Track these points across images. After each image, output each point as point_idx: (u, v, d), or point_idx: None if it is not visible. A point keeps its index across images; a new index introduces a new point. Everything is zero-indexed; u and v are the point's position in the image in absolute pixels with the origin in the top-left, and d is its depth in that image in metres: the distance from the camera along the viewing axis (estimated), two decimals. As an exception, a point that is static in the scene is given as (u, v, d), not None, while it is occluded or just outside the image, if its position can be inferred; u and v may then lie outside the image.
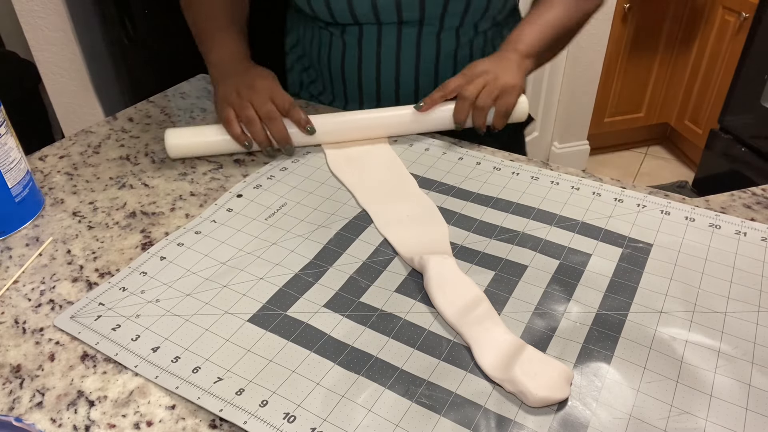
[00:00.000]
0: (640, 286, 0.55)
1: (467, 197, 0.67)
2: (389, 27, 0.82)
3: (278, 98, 0.74)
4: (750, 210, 0.65)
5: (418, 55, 0.84)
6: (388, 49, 0.84)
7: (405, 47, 0.83)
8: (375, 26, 0.82)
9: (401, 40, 0.83)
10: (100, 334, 0.52)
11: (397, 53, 0.84)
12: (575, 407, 0.45)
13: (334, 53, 0.87)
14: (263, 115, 0.72)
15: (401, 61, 0.84)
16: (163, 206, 0.68)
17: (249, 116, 0.72)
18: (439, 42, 0.84)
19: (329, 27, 0.85)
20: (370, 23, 0.82)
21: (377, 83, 0.87)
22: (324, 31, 0.86)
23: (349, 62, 0.86)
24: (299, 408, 0.45)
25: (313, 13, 0.83)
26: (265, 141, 0.73)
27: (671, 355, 0.48)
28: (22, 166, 0.65)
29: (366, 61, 0.85)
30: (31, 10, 1.66)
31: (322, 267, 0.58)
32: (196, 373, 0.48)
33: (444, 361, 0.48)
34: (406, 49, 0.83)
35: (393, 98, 0.87)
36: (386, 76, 0.86)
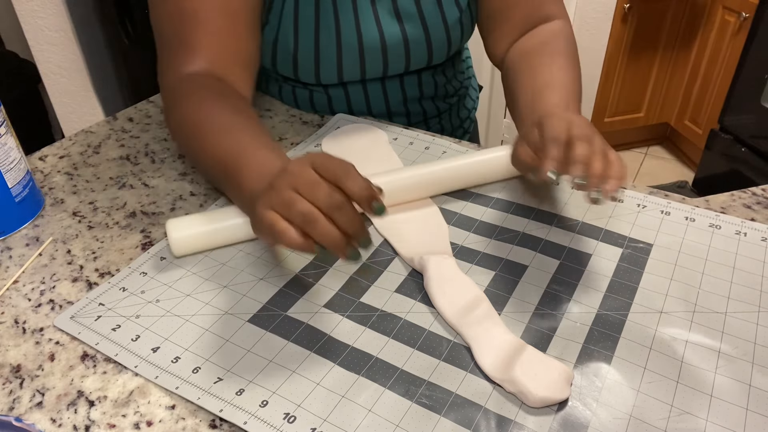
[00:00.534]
0: (641, 287, 0.55)
1: (467, 197, 0.67)
2: (373, 83, 0.84)
3: (331, 171, 0.47)
4: (750, 210, 0.65)
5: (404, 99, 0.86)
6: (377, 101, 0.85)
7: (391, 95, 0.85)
8: (360, 84, 0.83)
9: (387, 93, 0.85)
10: (100, 334, 0.52)
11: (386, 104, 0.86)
12: (575, 407, 0.45)
13: (317, 102, 0.86)
14: (323, 205, 0.46)
15: (391, 109, 0.86)
16: (163, 206, 0.68)
17: (302, 211, 0.46)
18: (421, 87, 0.86)
19: (306, 87, 0.85)
20: (336, 84, 0.83)
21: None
22: (302, 89, 0.85)
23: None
24: (299, 408, 0.45)
25: (276, 74, 0.83)
26: (340, 239, 0.46)
27: (671, 356, 0.48)
28: (22, 166, 0.65)
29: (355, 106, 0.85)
30: (31, 10, 1.66)
31: (322, 267, 0.58)
32: (196, 373, 0.48)
33: (444, 362, 0.48)
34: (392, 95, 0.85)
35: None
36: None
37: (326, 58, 0.78)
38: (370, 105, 0.86)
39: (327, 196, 0.46)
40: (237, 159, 0.56)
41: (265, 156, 0.55)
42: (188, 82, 0.66)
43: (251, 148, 0.57)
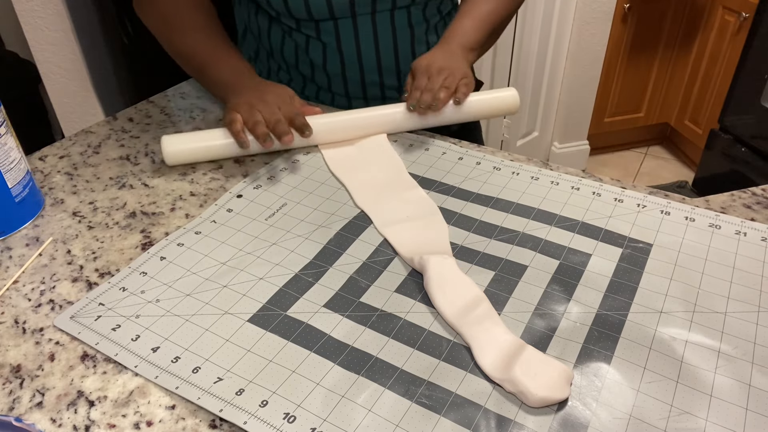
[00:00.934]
0: (640, 287, 0.55)
1: (467, 197, 0.67)
2: (363, 18, 0.85)
3: (285, 107, 0.75)
4: (750, 210, 0.65)
5: (395, 41, 0.88)
6: (366, 39, 0.87)
7: (381, 34, 0.87)
8: (350, 19, 0.85)
9: (377, 30, 0.87)
10: (100, 334, 0.52)
11: (375, 41, 0.88)
12: (575, 407, 0.45)
13: (312, 52, 0.88)
14: (268, 120, 0.73)
15: (380, 48, 0.88)
16: (163, 206, 0.68)
17: (256, 120, 0.73)
18: (412, 26, 0.88)
19: (300, 27, 0.87)
20: (327, 18, 0.84)
21: (361, 74, 0.89)
22: (297, 32, 0.87)
23: (331, 59, 0.88)
24: (299, 408, 0.45)
25: (273, 12, 0.85)
26: (264, 135, 0.73)
27: (671, 355, 0.48)
28: (22, 166, 0.65)
29: (347, 54, 0.87)
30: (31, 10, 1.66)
31: (322, 267, 0.58)
32: (196, 373, 0.48)
33: (444, 361, 0.48)
34: (383, 36, 0.88)
35: (377, 86, 0.91)
36: (368, 64, 0.89)
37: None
38: (359, 41, 0.87)
39: (275, 119, 0.73)
40: (213, 60, 0.83)
41: (236, 66, 0.82)
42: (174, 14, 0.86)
43: (224, 55, 0.83)
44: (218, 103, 0.90)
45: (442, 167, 0.73)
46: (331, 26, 0.85)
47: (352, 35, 0.86)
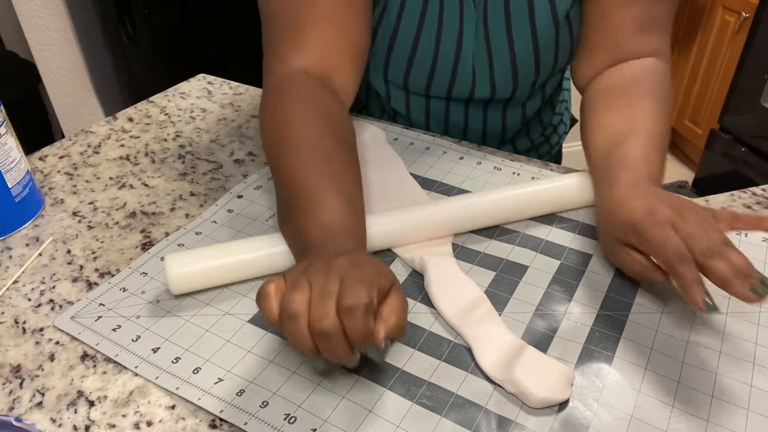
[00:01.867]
0: (641, 287, 0.55)
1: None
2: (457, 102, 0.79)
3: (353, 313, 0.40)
4: (750, 210, 0.65)
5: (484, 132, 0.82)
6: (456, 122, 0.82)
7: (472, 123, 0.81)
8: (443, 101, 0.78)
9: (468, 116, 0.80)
10: (101, 334, 0.52)
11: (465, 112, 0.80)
12: (576, 408, 0.45)
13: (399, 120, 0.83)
14: (313, 329, 0.40)
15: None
16: (163, 206, 0.68)
17: (293, 310, 0.41)
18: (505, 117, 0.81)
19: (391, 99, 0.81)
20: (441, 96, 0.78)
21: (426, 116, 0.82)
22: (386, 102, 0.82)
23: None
24: (300, 409, 0.45)
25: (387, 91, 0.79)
26: (346, 355, 0.42)
27: (672, 356, 0.48)
28: (22, 166, 0.65)
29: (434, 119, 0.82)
30: (31, 10, 1.66)
31: (322, 267, 0.58)
32: (197, 373, 0.48)
33: (445, 362, 0.48)
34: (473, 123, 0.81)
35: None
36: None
37: (442, 66, 0.73)
38: (468, 127, 0.82)
39: (319, 322, 0.40)
40: (310, 202, 0.51)
41: (337, 212, 0.50)
42: (296, 85, 0.61)
43: (327, 198, 0.51)
44: (218, 102, 0.90)
45: (443, 167, 0.73)
46: (442, 106, 0.79)
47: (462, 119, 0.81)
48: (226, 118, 0.86)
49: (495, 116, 0.81)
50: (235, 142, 0.80)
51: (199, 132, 0.83)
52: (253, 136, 0.81)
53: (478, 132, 0.83)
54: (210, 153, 0.78)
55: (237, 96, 0.92)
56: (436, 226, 0.59)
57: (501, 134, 0.84)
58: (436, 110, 0.81)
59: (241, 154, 0.78)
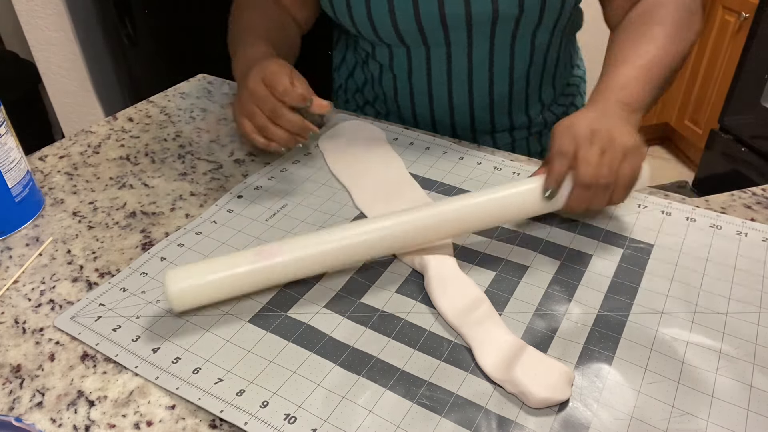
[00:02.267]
0: (641, 287, 0.55)
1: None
2: (438, 50, 0.76)
3: (274, 84, 0.64)
4: (750, 210, 0.65)
5: (470, 77, 0.78)
6: (438, 74, 0.78)
7: (455, 70, 0.78)
8: (423, 48, 0.76)
9: (451, 63, 0.77)
10: (101, 334, 0.52)
11: (448, 77, 0.78)
12: (576, 408, 0.45)
13: (385, 82, 0.83)
14: (268, 114, 0.65)
15: (453, 85, 0.79)
16: (163, 206, 0.68)
17: (259, 124, 0.66)
18: (492, 61, 0.76)
19: (375, 54, 0.81)
20: (417, 46, 0.76)
21: (431, 111, 0.82)
22: (372, 61, 0.83)
23: (402, 90, 0.82)
24: (300, 409, 0.45)
25: (357, 33, 0.78)
26: (287, 140, 0.66)
27: (672, 356, 0.48)
28: (22, 166, 0.65)
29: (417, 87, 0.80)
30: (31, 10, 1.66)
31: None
32: (197, 373, 0.48)
33: (445, 362, 0.48)
34: (457, 72, 0.78)
35: (448, 125, 0.84)
36: (439, 102, 0.81)
37: None
38: (451, 81, 0.77)
39: (270, 109, 0.64)
40: (240, 44, 0.75)
41: (253, 51, 0.72)
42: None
43: (251, 41, 0.74)
44: (218, 102, 0.90)
45: (443, 167, 0.73)
46: (403, 53, 0.78)
47: (424, 66, 0.78)
48: (226, 118, 0.86)
49: (502, 46, 0.74)
50: (235, 142, 0.80)
51: (199, 132, 0.83)
52: (253, 136, 0.81)
53: (483, 81, 0.78)
54: (210, 153, 0.78)
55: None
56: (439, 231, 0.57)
57: (509, 82, 0.78)
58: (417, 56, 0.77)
59: (241, 154, 0.78)
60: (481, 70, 0.77)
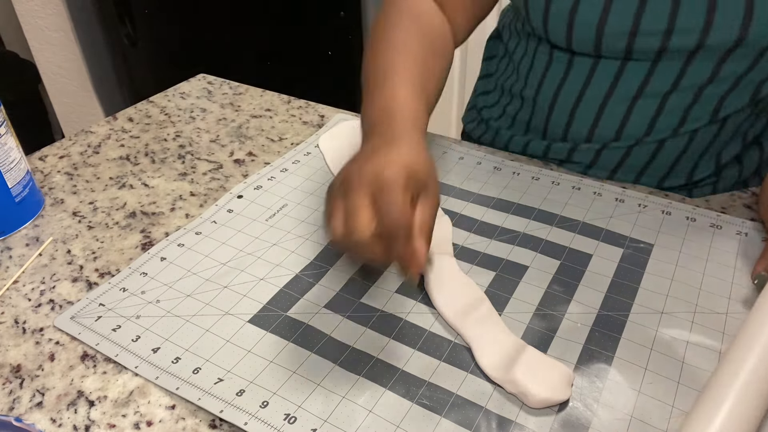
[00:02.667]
0: (641, 287, 0.55)
1: (468, 197, 0.67)
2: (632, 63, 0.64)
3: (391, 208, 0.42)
4: (750, 210, 0.65)
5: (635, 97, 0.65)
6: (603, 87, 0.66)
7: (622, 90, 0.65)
8: (618, 61, 0.64)
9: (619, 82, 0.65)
10: (101, 334, 0.52)
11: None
12: (576, 408, 0.45)
13: (549, 79, 0.71)
14: (388, 229, 0.43)
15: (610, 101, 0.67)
16: (163, 206, 0.68)
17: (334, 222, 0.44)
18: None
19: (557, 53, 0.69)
20: (613, 57, 0.64)
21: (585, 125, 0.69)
22: (546, 56, 0.70)
23: (567, 93, 0.69)
24: (300, 409, 0.45)
25: (546, 36, 0.67)
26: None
27: (672, 356, 0.48)
28: (22, 166, 0.65)
29: (590, 96, 0.68)
30: (31, 10, 1.66)
31: (322, 268, 0.58)
32: (197, 373, 0.48)
33: (445, 362, 0.48)
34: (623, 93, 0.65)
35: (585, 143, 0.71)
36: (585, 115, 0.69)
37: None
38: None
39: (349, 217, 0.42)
40: (383, 83, 0.55)
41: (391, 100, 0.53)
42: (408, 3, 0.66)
43: (393, 86, 0.54)
44: (218, 102, 0.90)
45: (443, 167, 0.73)
46: (589, 62, 0.66)
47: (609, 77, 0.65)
48: (226, 118, 0.86)
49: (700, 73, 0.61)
50: (235, 142, 0.80)
51: (199, 132, 0.83)
52: (253, 136, 0.81)
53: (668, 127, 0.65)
54: (210, 153, 0.78)
55: (237, 96, 0.92)
56: None
57: (716, 131, 0.65)
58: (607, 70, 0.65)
59: (241, 154, 0.78)
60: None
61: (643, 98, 0.65)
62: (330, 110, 0.87)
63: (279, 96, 0.91)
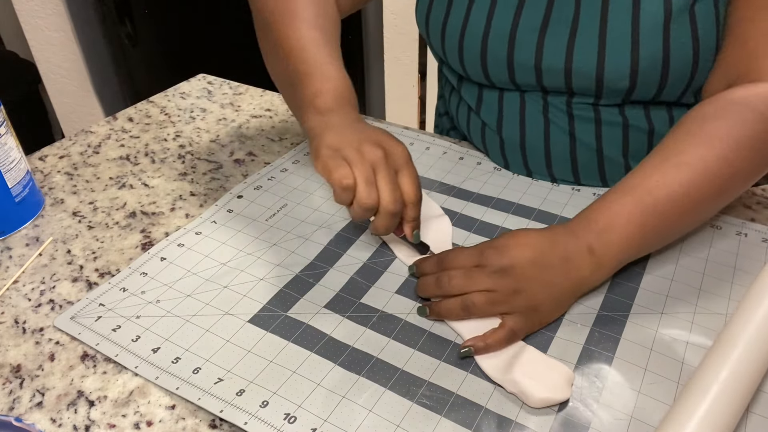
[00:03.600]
0: (641, 287, 0.55)
1: (468, 197, 0.67)
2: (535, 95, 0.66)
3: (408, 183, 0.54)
4: (750, 210, 0.65)
5: (572, 130, 0.66)
6: (534, 119, 0.67)
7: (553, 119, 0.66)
8: (517, 93, 0.67)
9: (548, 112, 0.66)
10: (101, 335, 0.52)
11: (545, 125, 0.67)
12: (576, 408, 0.45)
13: (472, 116, 0.73)
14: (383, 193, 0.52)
15: (551, 135, 0.67)
16: (163, 206, 0.68)
17: (368, 177, 0.52)
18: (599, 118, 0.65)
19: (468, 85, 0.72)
20: (510, 90, 0.67)
21: (523, 153, 0.69)
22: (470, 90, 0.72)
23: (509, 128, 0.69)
24: (300, 409, 0.45)
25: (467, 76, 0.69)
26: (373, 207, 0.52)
27: (672, 357, 0.48)
28: (22, 166, 0.65)
29: (508, 127, 0.69)
30: (31, 10, 1.66)
31: (322, 268, 0.58)
32: (197, 373, 0.48)
33: (445, 362, 0.48)
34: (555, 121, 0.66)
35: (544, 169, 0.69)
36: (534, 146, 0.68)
37: (496, 37, 0.63)
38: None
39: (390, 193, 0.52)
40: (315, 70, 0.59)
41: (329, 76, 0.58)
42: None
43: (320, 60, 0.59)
44: (218, 102, 0.90)
45: (443, 167, 0.73)
46: (516, 104, 0.68)
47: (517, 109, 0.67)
48: (226, 118, 0.86)
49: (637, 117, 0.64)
50: (235, 142, 0.80)
51: (199, 132, 0.83)
52: (253, 136, 0.81)
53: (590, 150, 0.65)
54: (210, 153, 0.78)
55: (237, 96, 0.92)
56: None
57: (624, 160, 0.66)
58: (510, 105, 0.67)
59: (241, 154, 0.78)
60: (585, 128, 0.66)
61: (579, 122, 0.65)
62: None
63: (279, 96, 0.91)
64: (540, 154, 0.68)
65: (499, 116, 0.69)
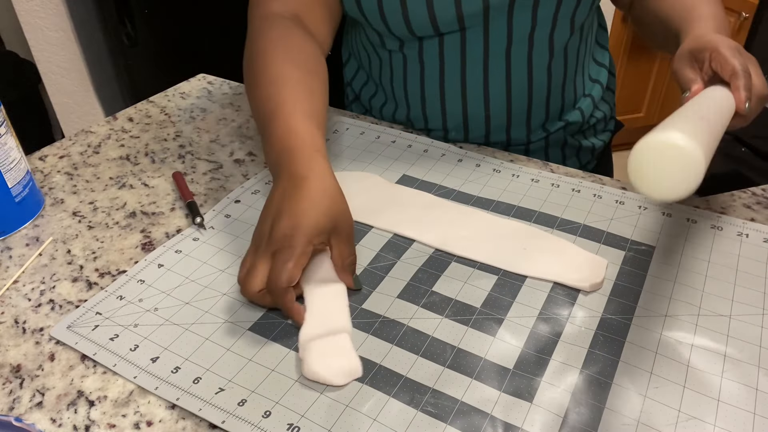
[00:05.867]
0: (644, 290, 0.54)
1: (468, 200, 0.67)
2: (451, 36, 0.71)
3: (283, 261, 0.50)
4: (750, 210, 0.64)
5: (486, 68, 0.73)
6: (452, 64, 0.73)
7: (470, 60, 0.73)
8: (436, 38, 0.72)
9: (466, 53, 0.72)
10: (98, 344, 0.51)
11: (462, 67, 0.73)
12: (582, 414, 0.44)
13: (395, 72, 0.78)
14: (269, 289, 0.51)
15: (467, 75, 0.74)
16: (163, 206, 0.68)
17: (249, 279, 0.52)
18: (510, 54, 0.72)
19: (386, 44, 0.76)
20: (429, 36, 0.72)
21: (442, 102, 0.77)
22: (382, 49, 0.77)
23: (412, 80, 0.77)
24: (303, 419, 0.44)
25: (368, 25, 0.74)
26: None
27: (677, 360, 0.48)
28: (22, 166, 0.65)
29: (429, 77, 0.75)
30: (31, 10, 1.66)
31: (324, 270, 0.58)
32: (197, 383, 0.47)
33: (449, 368, 0.48)
34: (472, 63, 0.73)
35: (460, 121, 0.77)
36: (451, 93, 0.76)
37: None
38: (466, 65, 0.72)
39: (273, 288, 0.50)
40: (272, 118, 0.59)
41: (290, 132, 0.58)
42: (273, 24, 0.68)
43: (287, 111, 0.59)
44: (218, 102, 0.90)
45: (442, 170, 0.72)
46: (416, 45, 0.73)
47: (437, 55, 0.73)
48: (226, 118, 0.86)
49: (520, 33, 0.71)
50: (235, 142, 0.80)
51: (199, 132, 0.82)
52: (253, 136, 0.81)
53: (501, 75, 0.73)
54: (210, 153, 0.78)
55: (237, 96, 0.92)
56: None
57: (527, 78, 0.74)
58: (429, 46, 0.73)
59: (241, 154, 0.77)
60: (498, 61, 0.73)
61: (492, 58, 0.72)
62: (329, 110, 0.87)
63: (280, 96, 0.91)
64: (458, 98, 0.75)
65: (421, 67, 0.74)
